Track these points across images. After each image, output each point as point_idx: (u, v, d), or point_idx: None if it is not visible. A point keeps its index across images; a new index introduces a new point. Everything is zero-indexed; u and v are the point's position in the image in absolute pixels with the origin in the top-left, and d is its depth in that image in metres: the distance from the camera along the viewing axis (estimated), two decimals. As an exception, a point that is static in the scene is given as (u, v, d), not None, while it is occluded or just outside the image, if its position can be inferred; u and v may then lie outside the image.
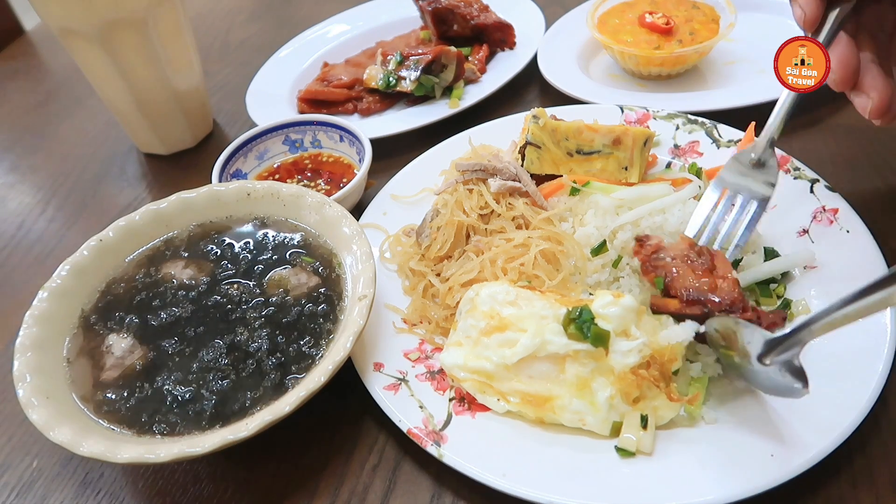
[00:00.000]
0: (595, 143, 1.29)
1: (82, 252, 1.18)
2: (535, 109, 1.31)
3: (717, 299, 1.00)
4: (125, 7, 1.48)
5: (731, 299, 0.99)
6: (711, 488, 0.89)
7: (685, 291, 1.01)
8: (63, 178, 1.79)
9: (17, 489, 1.09)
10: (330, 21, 2.12)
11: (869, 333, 1.00)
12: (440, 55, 1.70)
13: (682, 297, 1.01)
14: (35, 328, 1.07)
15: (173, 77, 1.65)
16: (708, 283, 1.02)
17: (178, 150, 1.79)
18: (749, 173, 1.16)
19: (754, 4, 1.80)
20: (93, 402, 1.03)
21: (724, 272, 1.03)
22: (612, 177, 1.30)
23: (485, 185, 1.29)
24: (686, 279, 1.02)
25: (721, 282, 1.02)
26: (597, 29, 1.73)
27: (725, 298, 0.99)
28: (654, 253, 1.08)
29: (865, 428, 0.92)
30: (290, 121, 1.58)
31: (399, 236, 1.33)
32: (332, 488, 1.02)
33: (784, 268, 1.15)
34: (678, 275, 1.03)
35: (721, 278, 1.02)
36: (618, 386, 0.98)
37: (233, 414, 0.99)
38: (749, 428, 0.96)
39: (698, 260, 1.05)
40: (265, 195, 1.26)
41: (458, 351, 1.05)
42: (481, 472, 0.95)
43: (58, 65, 2.32)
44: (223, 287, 1.15)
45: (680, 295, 1.02)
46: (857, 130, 1.46)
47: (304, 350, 1.06)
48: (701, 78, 1.72)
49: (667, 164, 1.39)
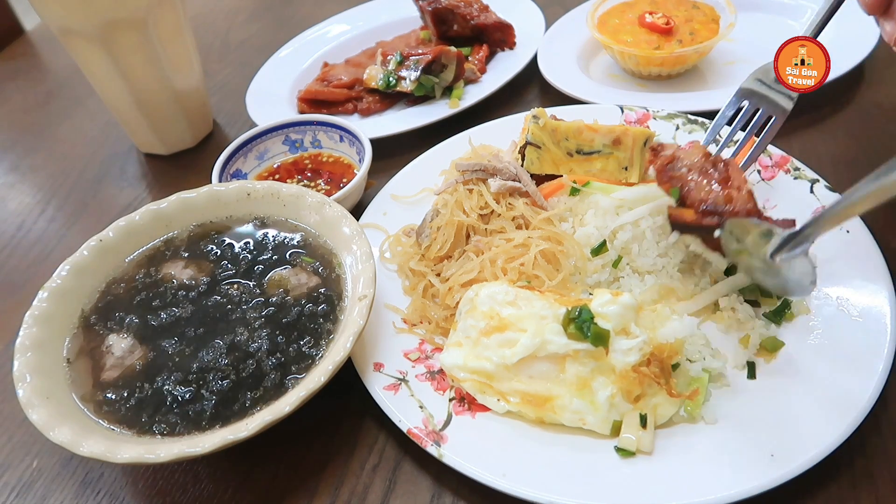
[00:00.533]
0: (595, 143, 1.29)
1: (82, 252, 1.18)
2: (535, 109, 1.31)
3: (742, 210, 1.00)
4: (125, 7, 1.48)
5: (745, 210, 0.99)
6: (711, 488, 0.89)
7: (702, 203, 1.02)
8: (63, 178, 1.79)
9: (17, 489, 1.09)
10: (330, 21, 2.12)
11: (869, 333, 1.01)
12: (440, 55, 1.70)
13: (698, 209, 1.02)
14: (35, 328, 1.07)
15: (173, 77, 1.65)
16: (724, 194, 1.02)
17: (178, 150, 1.79)
18: (772, 86, 1.16)
19: (754, 4, 1.80)
20: (93, 402, 1.03)
21: (738, 183, 1.03)
22: (612, 177, 1.30)
23: (485, 185, 1.29)
24: (702, 191, 1.03)
25: (736, 192, 1.02)
26: (597, 29, 1.73)
27: (741, 210, 0.99)
28: (669, 163, 1.08)
29: (865, 428, 0.92)
30: (290, 121, 1.58)
31: (399, 236, 1.33)
32: (332, 488, 1.02)
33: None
34: (694, 186, 1.04)
35: (736, 189, 1.02)
36: (619, 384, 0.98)
37: (233, 414, 0.99)
38: (749, 428, 0.96)
39: (713, 170, 1.05)
40: (265, 195, 1.26)
41: (458, 351, 1.05)
42: (481, 472, 0.95)
43: (58, 65, 2.33)
44: (223, 287, 1.15)
45: (696, 206, 1.02)
46: (857, 130, 1.46)
47: (304, 350, 1.06)
48: (701, 78, 1.72)
49: (667, 164, 1.38)
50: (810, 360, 1.02)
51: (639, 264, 1.21)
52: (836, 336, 1.03)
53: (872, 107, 1.52)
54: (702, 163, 1.07)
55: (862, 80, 1.56)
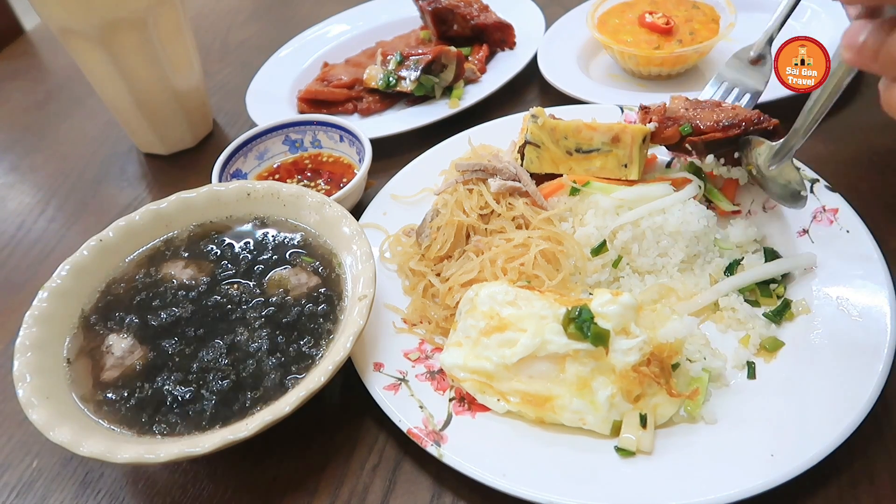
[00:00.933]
0: (594, 141, 1.29)
1: (82, 252, 1.18)
2: (534, 109, 1.31)
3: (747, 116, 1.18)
4: (125, 7, 1.48)
5: (752, 116, 1.17)
6: (711, 488, 0.88)
7: (718, 122, 1.18)
8: (63, 178, 1.79)
9: (17, 489, 1.09)
10: (330, 21, 2.12)
11: (869, 333, 1.01)
12: (440, 55, 1.70)
13: (718, 127, 1.18)
14: (35, 328, 1.07)
15: (173, 77, 1.65)
16: (729, 111, 1.20)
17: (178, 150, 1.79)
18: (746, 69, 1.31)
19: (754, 4, 1.80)
20: (93, 402, 1.03)
21: (731, 105, 1.22)
22: (612, 174, 1.30)
23: (485, 185, 1.29)
24: (710, 117, 1.19)
25: (735, 110, 1.20)
26: (597, 29, 1.73)
27: (750, 115, 1.17)
28: (664, 112, 1.24)
29: (865, 428, 0.92)
30: (290, 121, 1.58)
31: (399, 236, 1.33)
32: (332, 488, 1.02)
33: (785, 269, 1.15)
34: (701, 117, 1.20)
35: (732, 108, 1.20)
36: (619, 384, 0.98)
37: (233, 414, 0.99)
38: (749, 428, 0.96)
39: (705, 104, 1.23)
40: (265, 195, 1.26)
41: (458, 351, 1.05)
42: (481, 472, 0.95)
43: (58, 65, 2.33)
44: (223, 287, 1.15)
45: (714, 126, 1.18)
46: (857, 130, 1.46)
47: (304, 350, 1.06)
48: (701, 78, 1.72)
49: (667, 164, 1.38)
50: (810, 360, 1.02)
51: (639, 264, 1.21)
52: (836, 336, 1.03)
53: (872, 107, 1.52)
54: (693, 103, 1.25)
55: (862, 80, 1.56)
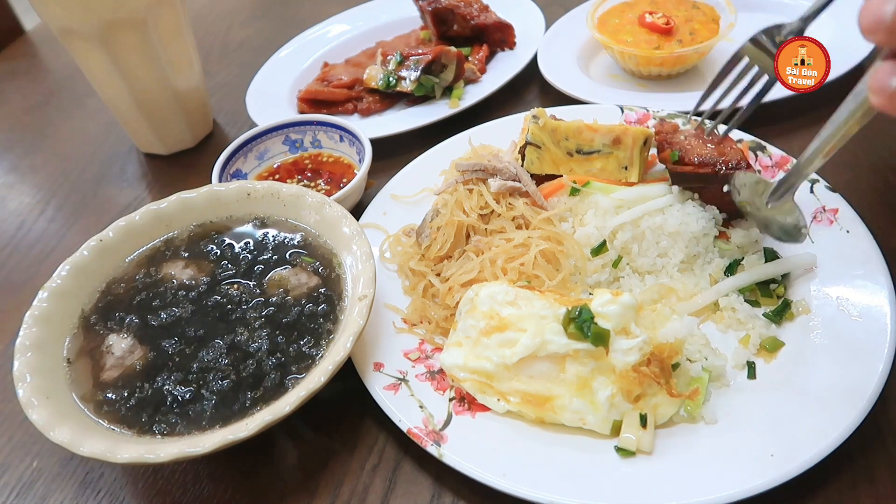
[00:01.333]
0: (595, 142, 1.29)
1: (82, 252, 1.18)
2: (535, 109, 1.31)
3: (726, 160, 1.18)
4: (125, 7, 1.48)
5: (736, 161, 1.17)
6: (711, 488, 0.88)
7: (697, 157, 1.20)
8: (63, 178, 1.79)
9: (17, 489, 1.09)
10: (330, 21, 2.12)
11: (869, 333, 1.01)
12: (440, 55, 1.70)
13: (694, 162, 1.19)
14: (35, 328, 1.07)
15: (173, 77, 1.65)
16: (716, 149, 1.21)
17: (178, 150, 1.79)
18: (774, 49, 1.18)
19: (754, 4, 1.80)
20: (93, 402, 1.03)
21: (730, 144, 1.22)
22: (612, 176, 1.30)
23: (485, 185, 1.29)
24: (697, 150, 1.21)
25: (727, 149, 1.21)
26: (597, 29, 1.73)
27: (732, 160, 1.17)
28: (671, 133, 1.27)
29: (865, 428, 0.92)
30: (290, 121, 1.58)
31: (399, 236, 1.33)
32: (332, 488, 1.02)
33: (785, 269, 1.15)
34: (691, 148, 1.22)
35: (729, 147, 1.21)
36: (619, 384, 0.98)
37: (233, 414, 0.99)
38: (749, 428, 0.96)
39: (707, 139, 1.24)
40: (265, 195, 1.26)
41: (458, 351, 1.05)
42: (481, 472, 0.95)
43: (58, 65, 2.33)
44: (223, 287, 1.15)
45: (692, 161, 1.20)
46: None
47: (304, 350, 1.06)
48: (701, 78, 1.72)
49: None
50: (810, 360, 1.02)
51: (639, 264, 1.21)
52: (836, 336, 1.03)
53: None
54: (698, 134, 1.25)
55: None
